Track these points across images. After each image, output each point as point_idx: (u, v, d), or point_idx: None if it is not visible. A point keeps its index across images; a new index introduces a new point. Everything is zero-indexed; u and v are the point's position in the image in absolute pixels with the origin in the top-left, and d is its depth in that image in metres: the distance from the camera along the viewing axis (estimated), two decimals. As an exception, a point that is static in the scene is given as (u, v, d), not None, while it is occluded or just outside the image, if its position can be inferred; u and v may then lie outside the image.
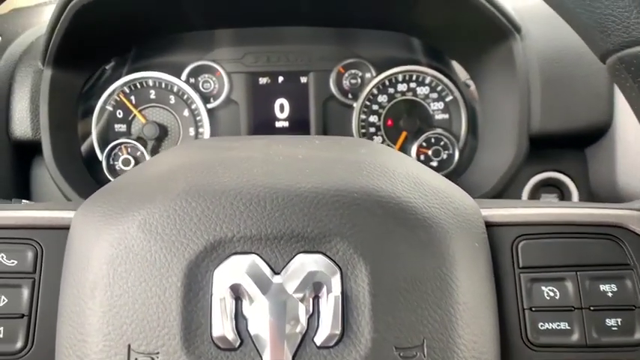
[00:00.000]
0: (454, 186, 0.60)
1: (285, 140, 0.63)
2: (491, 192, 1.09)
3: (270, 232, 0.48)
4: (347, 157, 0.55)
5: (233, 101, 1.31)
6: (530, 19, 1.13)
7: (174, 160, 0.57)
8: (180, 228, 0.48)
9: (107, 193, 0.55)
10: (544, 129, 1.09)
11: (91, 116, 1.25)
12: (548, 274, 0.55)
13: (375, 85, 1.30)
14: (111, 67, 1.26)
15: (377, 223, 0.49)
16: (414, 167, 0.58)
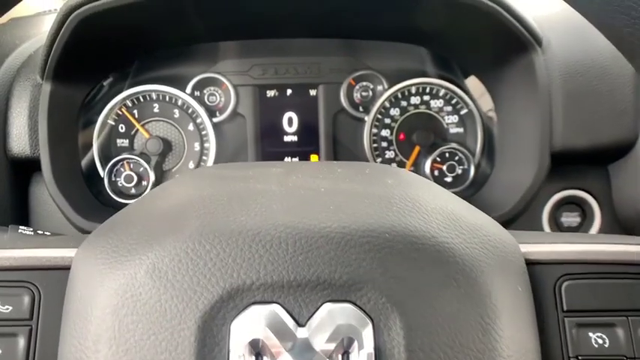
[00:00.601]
0: (489, 219, 0.55)
1: (303, 168, 0.58)
2: (511, 212, 1.04)
3: (293, 279, 0.43)
4: (374, 191, 0.50)
5: (240, 115, 1.26)
6: (551, 29, 1.08)
7: (184, 192, 0.52)
8: (193, 274, 0.43)
9: (111, 229, 0.50)
10: (566, 145, 1.04)
11: (92, 131, 1.20)
12: (596, 319, 0.50)
13: (387, 97, 1.25)
14: (113, 80, 1.21)
15: (412, 268, 0.44)
16: (446, 199, 0.53)
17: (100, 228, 0.52)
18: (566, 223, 1.14)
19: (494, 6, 0.96)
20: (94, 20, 0.94)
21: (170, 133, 1.24)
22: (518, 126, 1.10)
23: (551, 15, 1.11)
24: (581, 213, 1.14)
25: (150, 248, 0.45)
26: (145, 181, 1.21)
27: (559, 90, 1.04)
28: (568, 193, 1.13)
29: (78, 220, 1.05)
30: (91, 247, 0.49)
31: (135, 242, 0.46)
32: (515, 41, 1.02)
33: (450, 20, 1.03)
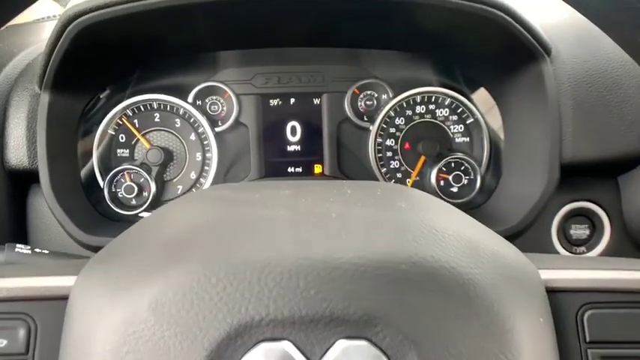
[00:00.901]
0: (507, 244, 0.52)
1: (312, 190, 0.55)
2: (519, 225, 1.02)
3: (305, 315, 0.40)
4: (387, 216, 0.48)
5: (242, 124, 1.24)
6: (559, 38, 1.06)
7: (188, 218, 0.50)
8: (199, 310, 0.40)
9: (111, 257, 0.48)
10: (576, 157, 1.02)
11: (92, 141, 1.17)
12: (622, 351, 0.48)
13: (392, 107, 1.23)
14: (113, 89, 1.18)
15: (430, 302, 0.41)
16: (463, 223, 0.51)
17: (99, 254, 0.50)
18: (575, 236, 1.11)
19: (502, 15, 0.93)
20: (94, 30, 0.91)
21: (171, 142, 1.22)
22: (527, 137, 1.07)
23: (559, 23, 1.09)
24: (590, 225, 1.12)
25: (152, 281, 0.42)
26: (145, 192, 1.19)
27: (568, 100, 1.02)
28: (577, 205, 1.11)
29: (78, 233, 1.03)
30: (90, 276, 0.47)
31: (136, 274, 0.44)
32: (523, 51, 1.00)
33: (458, 29, 1.01)
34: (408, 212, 0.49)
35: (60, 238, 1.12)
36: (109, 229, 1.10)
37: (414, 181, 1.24)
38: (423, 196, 0.57)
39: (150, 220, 0.53)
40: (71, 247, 1.12)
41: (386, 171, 1.24)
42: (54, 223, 1.11)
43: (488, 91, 1.17)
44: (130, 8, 0.89)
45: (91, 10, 0.88)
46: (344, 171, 1.26)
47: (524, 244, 1.11)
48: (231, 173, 1.24)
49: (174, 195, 1.21)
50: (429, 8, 0.90)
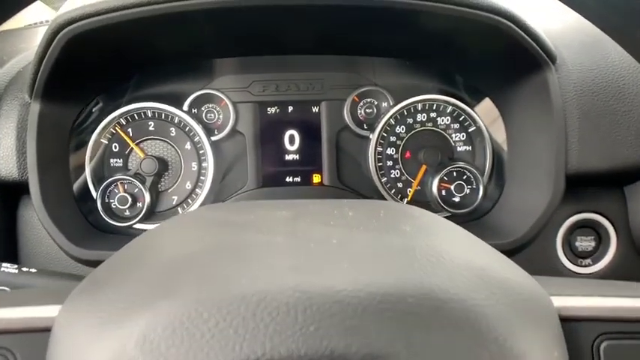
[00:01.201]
0: (517, 269, 0.50)
1: (310, 211, 0.52)
2: (524, 237, 0.99)
3: (304, 353, 0.37)
4: (392, 242, 0.45)
5: (239, 133, 1.21)
6: (565, 46, 1.03)
7: (179, 244, 0.47)
8: (189, 347, 0.37)
9: (97, 286, 0.45)
10: (582, 168, 0.99)
11: (85, 151, 1.14)
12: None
13: (392, 115, 1.20)
14: (106, 98, 1.15)
15: (439, 338, 0.38)
16: (472, 248, 0.48)
17: (85, 282, 0.47)
18: (581, 248, 1.09)
19: (507, 23, 0.91)
20: (85, 38, 0.88)
21: (166, 152, 1.19)
22: (531, 146, 1.05)
23: (564, 30, 1.07)
24: (596, 237, 1.09)
25: (140, 315, 0.39)
26: (139, 203, 1.16)
27: (574, 110, 0.99)
28: (582, 217, 1.08)
29: (69, 246, 1.00)
30: (74, 307, 0.44)
31: (123, 306, 0.41)
32: (528, 59, 0.98)
33: (461, 37, 0.98)
34: (414, 237, 0.46)
35: (51, 251, 1.09)
36: (102, 242, 1.07)
37: (414, 190, 1.21)
38: (428, 217, 0.54)
39: (138, 245, 0.50)
40: (63, 260, 1.09)
41: (386, 180, 1.21)
42: (45, 236, 1.08)
43: (491, 100, 1.14)
44: (124, 16, 0.86)
45: (82, 18, 0.85)
46: (343, 181, 1.23)
47: (528, 256, 1.09)
48: (227, 183, 1.21)
49: (169, 206, 1.18)
50: (433, 16, 0.87)
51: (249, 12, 0.90)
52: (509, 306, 0.42)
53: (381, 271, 0.41)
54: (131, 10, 0.85)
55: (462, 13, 0.86)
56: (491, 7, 0.88)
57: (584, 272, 1.08)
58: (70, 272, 1.09)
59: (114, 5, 0.85)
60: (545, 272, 1.09)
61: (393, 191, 1.21)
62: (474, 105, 1.19)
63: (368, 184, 1.22)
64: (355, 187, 1.23)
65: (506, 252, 0.99)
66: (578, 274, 1.09)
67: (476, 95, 1.19)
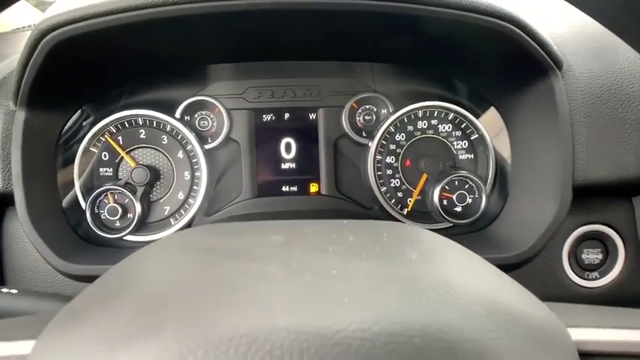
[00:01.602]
0: (531, 297, 0.46)
1: (307, 235, 0.48)
2: (529, 251, 0.96)
3: (300, 403, 0.33)
4: (397, 272, 0.41)
5: (233, 141, 1.17)
6: (571, 51, 0.99)
7: (162, 273, 0.43)
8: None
9: (74, 322, 0.41)
10: (589, 178, 0.95)
11: (73, 160, 1.10)
12: None
13: (392, 122, 1.16)
14: (95, 105, 1.11)
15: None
16: (483, 277, 0.44)
17: (62, 315, 0.43)
18: (587, 261, 1.05)
19: (512, 28, 0.87)
20: (70, 44, 0.84)
21: (158, 161, 1.15)
22: (536, 156, 1.01)
23: (570, 35, 1.03)
24: (603, 249, 1.05)
25: (120, 352, 0.35)
26: (130, 214, 1.11)
27: (581, 118, 0.95)
28: (589, 228, 1.04)
29: (55, 261, 0.96)
30: (49, 345, 0.39)
31: (101, 347, 0.37)
32: (533, 65, 0.94)
33: (465, 42, 0.95)
34: (420, 266, 0.42)
35: (38, 265, 1.05)
36: (91, 255, 1.03)
37: (415, 200, 1.17)
38: (434, 241, 0.50)
39: (118, 274, 0.46)
40: (50, 274, 1.05)
41: (386, 190, 1.17)
42: (31, 249, 1.04)
43: (495, 108, 1.10)
44: (112, 21, 0.82)
45: (67, 23, 0.80)
46: (342, 190, 1.19)
47: (533, 269, 1.06)
48: (221, 193, 1.17)
49: (161, 216, 1.14)
50: (436, 21, 0.83)
51: (243, 17, 0.86)
52: (525, 343, 0.39)
53: (385, 307, 0.37)
54: (119, 15, 0.80)
55: (465, 18, 0.82)
56: (496, 11, 0.84)
57: (591, 286, 1.05)
58: (58, 287, 1.06)
59: (101, 10, 0.81)
60: (550, 286, 1.06)
61: (393, 201, 1.17)
62: (477, 112, 1.15)
63: (367, 193, 1.18)
64: (354, 196, 1.19)
65: (510, 265, 0.96)
66: (584, 288, 1.05)
67: (479, 102, 1.15)
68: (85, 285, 1.02)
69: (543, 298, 0.45)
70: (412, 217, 1.17)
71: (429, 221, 1.16)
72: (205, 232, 0.50)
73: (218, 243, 0.47)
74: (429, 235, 0.50)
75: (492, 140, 1.14)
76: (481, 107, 1.15)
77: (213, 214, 1.17)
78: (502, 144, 1.12)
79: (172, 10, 0.79)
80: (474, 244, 1.06)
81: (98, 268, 0.96)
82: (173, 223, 1.14)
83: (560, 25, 1.09)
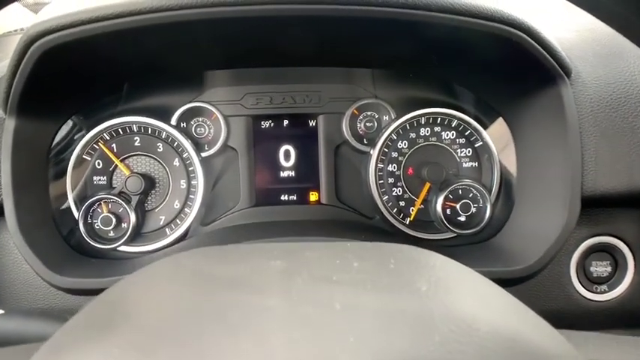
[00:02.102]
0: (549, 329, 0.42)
1: (309, 261, 0.45)
2: (537, 264, 0.92)
3: None
4: (406, 306, 0.38)
5: (231, 148, 1.14)
6: (579, 58, 0.96)
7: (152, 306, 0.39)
8: None
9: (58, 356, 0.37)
10: (599, 189, 0.92)
11: (66, 168, 1.07)
12: None
13: (394, 129, 1.13)
14: (88, 111, 1.08)
15: None
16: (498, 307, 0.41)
17: (43, 351, 0.40)
18: (596, 273, 1.02)
19: (519, 34, 0.84)
20: (61, 50, 0.81)
21: (153, 169, 1.11)
22: (544, 166, 0.98)
23: (578, 41, 1.00)
24: (612, 262, 1.02)
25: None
26: (124, 224, 1.08)
27: (590, 127, 0.92)
28: (598, 240, 1.01)
29: (47, 274, 0.92)
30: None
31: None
32: (541, 72, 0.91)
33: (470, 49, 0.91)
34: (431, 299, 0.39)
35: (29, 278, 1.02)
36: (84, 267, 1.00)
37: (417, 209, 1.14)
38: (444, 266, 0.46)
39: (103, 305, 0.42)
40: (41, 287, 1.02)
41: (387, 199, 1.14)
42: (22, 261, 1.01)
43: (501, 116, 1.07)
44: (104, 27, 0.79)
45: (57, 30, 0.77)
46: (342, 199, 1.16)
47: (539, 282, 1.03)
48: (218, 202, 1.14)
49: (156, 226, 1.11)
50: (443, 27, 0.80)
51: (239, 23, 0.82)
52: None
53: (395, 347, 0.34)
54: (112, 22, 0.77)
55: (472, 24, 0.79)
56: (503, 17, 0.81)
57: (600, 299, 1.01)
58: (50, 300, 1.03)
59: (93, 16, 0.77)
60: (558, 299, 1.03)
61: (395, 210, 1.14)
62: (481, 120, 1.12)
63: (368, 202, 1.15)
64: (354, 205, 1.16)
65: (516, 279, 0.93)
66: (593, 302, 1.02)
67: (484, 110, 1.12)
68: (78, 298, 0.99)
69: (550, 313, 0.42)
70: (414, 227, 1.14)
71: (431, 231, 1.13)
72: (199, 257, 0.47)
73: (213, 270, 0.43)
74: (440, 260, 0.47)
75: (498, 149, 1.11)
76: (486, 115, 1.11)
77: (209, 224, 1.14)
78: (507, 152, 1.09)
79: (167, 16, 0.76)
80: (477, 255, 1.03)
81: (91, 281, 0.93)
82: (169, 233, 1.11)
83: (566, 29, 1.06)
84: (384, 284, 0.41)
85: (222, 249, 0.49)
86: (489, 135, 1.12)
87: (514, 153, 1.07)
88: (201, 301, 0.38)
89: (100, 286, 0.92)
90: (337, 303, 0.38)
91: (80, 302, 1.03)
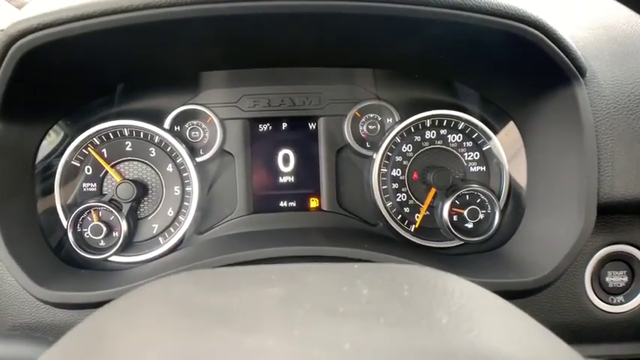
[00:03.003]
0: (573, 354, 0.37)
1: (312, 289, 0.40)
2: (551, 274, 0.87)
3: None
4: (425, 345, 0.33)
5: (227, 153, 1.09)
6: (594, 57, 0.91)
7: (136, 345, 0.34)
8: None
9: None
10: (615, 196, 0.87)
11: (53, 175, 1.02)
12: None
13: (398, 132, 1.08)
14: (76, 116, 1.02)
15: None
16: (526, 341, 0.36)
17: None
18: (612, 284, 0.97)
19: (533, 31, 0.78)
20: (43, 51, 0.75)
21: (145, 175, 1.06)
22: (557, 171, 0.93)
23: (592, 39, 0.95)
24: (628, 271, 0.97)
25: None
26: (116, 232, 1.03)
27: (607, 130, 0.87)
28: (614, 249, 0.96)
29: (32, 287, 0.87)
30: None
31: None
32: (554, 71, 0.85)
33: (480, 48, 0.86)
34: (454, 335, 0.34)
35: (14, 291, 0.97)
36: (73, 279, 0.95)
37: (423, 216, 1.09)
38: (464, 293, 0.41)
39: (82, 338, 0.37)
40: (27, 302, 0.97)
41: (391, 205, 1.09)
42: (7, 274, 0.96)
43: (511, 118, 1.02)
44: (90, 26, 0.73)
45: (39, 29, 0.72)
46: (344, 205, 1.11)
47: (552, 293, 0.97)
48: (214, 209, 1.09)
49: (149, 235, 1.06)
50: (454, 25, 0.74)
51: (237, 20, 0.77)
52: None
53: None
54: (97, 20, 0.72)
55: (486, 22, 0.74)
56: (519, 14, 0.76)
57: (616, 311, 0.96)
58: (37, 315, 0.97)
59: (77, 14, 0.72)
60: (572, 311, 0.98)
61: (399, 217, 1.09)
62: (490, 122, 1.07)
63: (371, 209, 1.10)
64: (356, 212, 1.11)
65: (530, 290, 0.88)
66: (608, 313, 0.97)
67: (492, 112, 1.07)
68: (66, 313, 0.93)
69: (564, 325, 0.38)
70: (419, 234, 1.09)
71: (437, 239, 1.08)
72: (189, 283, 0.42)
73: (204, 300, 0.38)
74: (459, 285, 0.42)
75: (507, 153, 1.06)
76: (495, 117, 1.06)
77: (205, 232, 1.09)
78: (517, 156, 1.04)
79: (156, 13, 0.71)
80: (487, 264, 0.98)
81: (80, 294, 0.88)
82: (162, 242, 1.06)
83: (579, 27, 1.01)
84: (399, 316, 0.36)
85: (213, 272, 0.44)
86: (498, 138, 1.07)
87: (524, 157, 1.02)
88: (190, 342, 0.33)
89: (89, 300, 0.87)
90: (346, 342, 0.33)
91: (69, 317, 0.98)
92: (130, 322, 0.37)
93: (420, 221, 1.09)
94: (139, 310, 0.39)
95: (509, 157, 1.06)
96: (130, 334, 0.36)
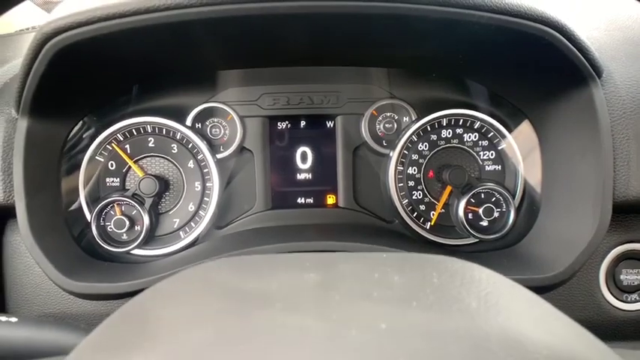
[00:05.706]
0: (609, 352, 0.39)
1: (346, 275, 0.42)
2: (566, 272, 0.89)
3: None
4: (457, 327, 0.35)
5: (247, 150, 1.11)
6: (610, 57, 0.93)
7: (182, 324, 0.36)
8: None
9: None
10: (631, 195, 0.89)
11: (78, 170, 1.04)
12: None
13: (414, 131, 1.10)
14: (102, 112, 1.05)
15: None
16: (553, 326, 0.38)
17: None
18: (626, 282, 0.98)
19: (552, 32, 0.80)
20: (75, 49, 0.78)
21: (167, 170, 1.08)
22: (573, 170, 0.94)
23: (609, 39, 0.96)
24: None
25: None
26: (138, 226, 1.06)
27: (623, 130, 0.88)
28: (628, 247, 0.98)
29: (58, 278, 0.89)
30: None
31: None
32: (571, 72, 0.87)
33: (497, 48, 0.88)
34: (484, 318, 0.36)
35: (40, 281, 1.00)
36: (96, 271, 0.97)
37: (438, 213, 1.10)
38: (490, 280, 0.43)
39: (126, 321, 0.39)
40: (52, 291, 1.00)
41: (407, 202, 1.11)
42: (33, 264, 0.99)
43: (527, 118, 1.03)
44: (120, 25, 0.76)
45: (72, 27, 0.74)
46: (360, 202, 1.13)
47: (566, 291, 0.99)
48: (233, 205, 1.11)
49: (170, 229, 1.08)
50: (471, 25, 0.76)
51: (258, 20, 0.79)
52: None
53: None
54: (128, 19, 0.74)
55: (504, 22, 0.75)
56: (537, 15, 0.77)
57: (631, 309, 0.98)
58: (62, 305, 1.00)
59: (108, 13, 0.74)
60: (586, 309, 0.99)
61: (415, 214, 1.11)
62: (505, 122, 1.09)
63: (387, 206, 1.12)
64: (373, 209, 1.13)
65: (545, 287, 0.89)
66: (623, 311, 0.98)
67: (508, 111, 1.08)
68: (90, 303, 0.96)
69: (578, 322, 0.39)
70: (435, 232, 1.10)
71: (453, 236, 1.10)
72: (227, 269, 0.44)
73: (243, 284, 0.40)
74: (484, 273, 0.44)
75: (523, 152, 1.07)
76: (511, 117, 1.08)
77: (224, 227, 1.11)
78: (533, 155, 1.05)
79: (184, 13, 0.73)
80: (502, 262, 0.99)
81: (104, 285, 0.90)
82: (182, 236, 1.08)
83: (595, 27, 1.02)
84: (430, 301, 0.38)
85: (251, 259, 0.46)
86: (514, 137, 1.08)
87: (539, 155, 1.03)
88: (233, 322, 0.35)
89: (113, 290, 0.90)
90: (382, 322, 0.35)
91: (92, 307, 1.00)
92: (174, 304, 0.40)
93: (436, 219, 1.11)
94: (181, 292, 0.41)
95: (523, 156, 1.07)
96: (174, 315, 0.38)
